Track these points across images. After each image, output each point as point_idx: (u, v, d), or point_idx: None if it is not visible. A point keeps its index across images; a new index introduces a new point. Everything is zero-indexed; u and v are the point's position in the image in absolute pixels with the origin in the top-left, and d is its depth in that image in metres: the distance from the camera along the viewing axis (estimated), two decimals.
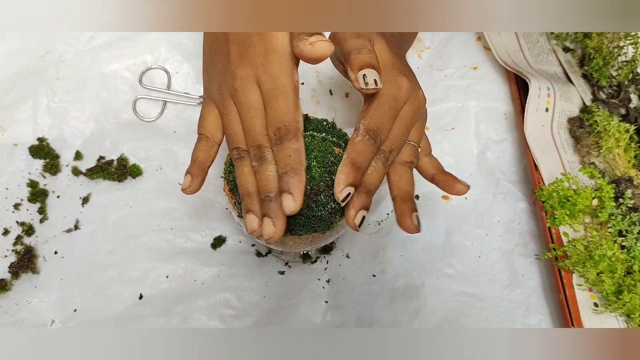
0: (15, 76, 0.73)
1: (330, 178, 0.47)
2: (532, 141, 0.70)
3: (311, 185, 0.46)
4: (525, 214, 0.70)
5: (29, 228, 0.66)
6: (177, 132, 0.73)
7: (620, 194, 0.66)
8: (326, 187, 0.47)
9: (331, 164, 0.48)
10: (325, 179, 0.47)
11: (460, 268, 0.66)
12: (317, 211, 0.48)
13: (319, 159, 0.47)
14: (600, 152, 0.70)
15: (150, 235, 0.66)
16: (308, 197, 0.47)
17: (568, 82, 0.77)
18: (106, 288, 0.63)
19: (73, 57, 0.75)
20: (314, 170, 0.47)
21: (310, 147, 0.48)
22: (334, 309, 0.63)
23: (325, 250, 0.67)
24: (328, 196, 0.47)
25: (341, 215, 0.50)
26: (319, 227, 0.49)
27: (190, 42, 0.77)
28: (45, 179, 0.69)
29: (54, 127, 0.71)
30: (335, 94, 0.76)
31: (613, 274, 0.60)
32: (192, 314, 0.62)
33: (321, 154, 0.47)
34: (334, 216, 0.49)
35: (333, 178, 0.47)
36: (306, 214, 0.48)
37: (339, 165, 0.46)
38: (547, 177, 0.68)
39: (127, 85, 0.75)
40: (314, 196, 0.47)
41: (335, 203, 0.48)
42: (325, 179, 0.47)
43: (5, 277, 0.63)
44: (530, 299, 0.64)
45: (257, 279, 0.65)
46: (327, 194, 0.47)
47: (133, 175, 0.69)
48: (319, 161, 0.47)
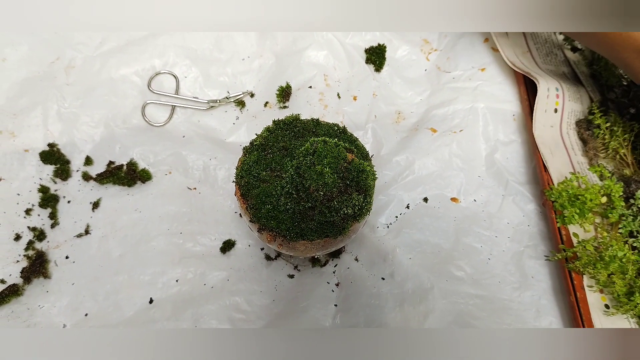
0: (25, 82, 0.74)
1: (344, 183, 0.47)
2: (541, 142, 0.69)
3: (324, 191, 0.46)
4: (535, 216, 0.70)
5: (40, 233, 0.66)
6: (185, 136, 0.74)
7: (630, 194, 0.65)
8: (339, 192, 0.47)
9: (344, 169, 0.47)
10: (338, 185, 0.47)
11: (469, 270, 0.66)
12: (329, 217, 0.48)
13: (332, 165, 0.47)
14: (608, 153, 0.69)
15: (160, 240, 0.67)
16: (321, 203, 0.47)
17: (577, 83, 0.77)
18: (117, 292, 0.64)
19: (82, 63, 0.76)
20: (327, 176, 0.46)
21: (323, 152, 0.47)
22: (343, 312, 0.63)
23: (334, 254, 0.67)
24: (341, 202, 0.47)
25: (353, 221, 0.50)
26: (331, 232, 0.49)
27: (197, 47, 0.78)
28: (56, 184, 0.70)
29: (64, 133, 0.72)
30: (343, 97, 0.76)
31: (624, 275, 0.60)
32: (202, 318, 0.62)
33: (334, 160, 0.47)
34: (346, 222, 0.49)
35: (347, 183, 0.47)
36: (318, 220, 0.48)
37: (353, 172, 0.46)
38: (556, 178, 0.68)
39: (136, 90, 0.76)
40: (327, 202, 0.47)
41: (347, 208, 0.48)
42: (338, 185, 0.47)
43: (17, 282, 0.63)
44: (541, 301, 0.64)
45: (267, 282, 0.65)
46: (340, 200, 0.47)
47: (142, 179, 0.70)
48: (332, 167, 0.47)
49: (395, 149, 0.73)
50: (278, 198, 0.50)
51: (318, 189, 0.46)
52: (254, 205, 0.51)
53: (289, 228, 0.50)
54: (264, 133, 0.57)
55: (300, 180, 0.47)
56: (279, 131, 0.57)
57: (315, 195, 0.46)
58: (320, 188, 0.46)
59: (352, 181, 0.47)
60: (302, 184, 0.47)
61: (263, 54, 0.80)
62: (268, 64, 0.79)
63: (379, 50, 0.78)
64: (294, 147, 0.55)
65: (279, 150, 0.55)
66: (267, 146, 0.55)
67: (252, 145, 0.56)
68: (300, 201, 0.48)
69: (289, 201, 0.49)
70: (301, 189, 0.47)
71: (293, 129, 0.57)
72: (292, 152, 0.55)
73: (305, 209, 0.48)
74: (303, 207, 0.48)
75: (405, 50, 0.80)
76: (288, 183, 0.48)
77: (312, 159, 0.47)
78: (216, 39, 0.79)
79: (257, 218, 0.51)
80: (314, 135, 0.57)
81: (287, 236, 0.50)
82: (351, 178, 0.47)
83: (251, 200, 0.51)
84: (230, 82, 0.77)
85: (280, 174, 0.52)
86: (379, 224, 0.69)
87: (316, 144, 0.47)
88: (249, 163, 0.53)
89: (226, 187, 0.70)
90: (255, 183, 0.52)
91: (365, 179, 0.48)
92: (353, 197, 0.47)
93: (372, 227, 0.68)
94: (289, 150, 0.55)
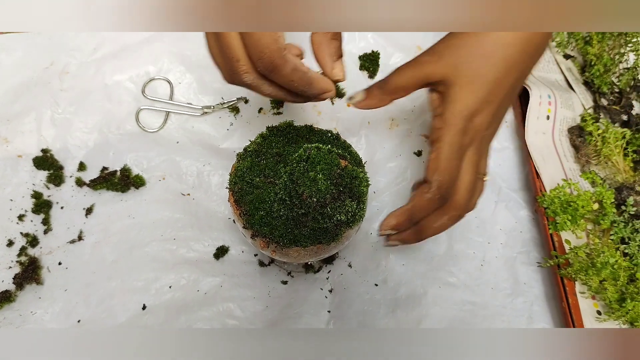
0: (19, 88, 0.74)
1: (337, 190, 0.47)
2: (534, 149, 0.70)
3: (317, 197, 0.46)
4: (528, 222, 0.70)
5: (33, 239, 0.66)
6: (179, 142, 0.74)
7: (622, 201, 0.66)
8: (332, 199, 0.47)
9: (337, 176, 0.47)
10: (332, 191, 0.47)
11: (462, 277, 0.66)
12: (322, 223, 0.48)
13: (325, 172, 0.47)
14: (600, 160, 0.70)
15: (154, 246, 0.67)
16: (314, 210, 0.47)
17: (569, 90, 0.77)
18: (110, 298, 0.63)
19: (76, 69, 0.76)
20: (320, 182, 0.46)
21: (316, 159, 0.47)
22: (336, 319, 0.63)
23: (327, 260, 0.67)
24: (334, 208, 0.47)
25: (346, 227, 0.50)
26: (324, 238, 0.49)
27: (192, 53, 0.78)
28: (49, 190, 0.69)
29: (58, 139, 0.72)
30: (336, 104, 0.76)
31: (616, 281, 0.60)
32: (195, 324, 0.62)
33: (327, 166, 0.47)
34: (339, 228, 0.49)
35: (340, 190, 0.47)
36: (312, 226, 0.48)
37: (347, 179, 0.47)
38: (549, 184, 0.68)
39: (130, 96, 0.76)
40: (320, 208, 0.47)
41: (341, 215, 0.48)
42: (332, 191, 0.47)
43: (9, 289, 0.63)
44: (533, 307, 0.64)
45: (260, 288, 0.65)
46: (333, 207, 0.47)
47: (136, 185, 0.70)
48: (325, 174, 0.47)
49: (389, 155, 0.74)
50: (271, 204, 0.50)
51: (311, 195, 0.46)
52: (248, 211, 0.51)
53: (282, 234, 0.50)
54: (257, 139, 0.57)
55: (294, 186, 0.47)
56: (273, 137, 0.57)
57: (308, 202, 0.46)
58: (314, 194, 0.46)
59: (345, 187, 0.48)
60: (295, 191, 0.47)
61: None
62: None
63: (372, 57, 0.79)
64: (287, 153, 0.55)
65: (272, 157, 0.55)
66: (260, 152, 0.55)
67: (246, 152, 0.56)
68: (294, 207, 0.48)
69: (282, 207, 0.49)
70: (294, 195, 0.47)
71: (287, 135, 0.58)
72: (285, 158, 0.55)
73: (299, 215, 0.48)
74: (296, 213, 0.48)
75: (398, 57, 0.80)
76: (281, 189, 0.48)
77: (306, 165, 0.47)
78: None
79: (250, 224, 0.51)
80: (308, 141, 0.57)
81: (281, 242, 0.50)
82: (344, 184, 0.47)
83: (245, 207, 0.51)
84: (224, 88, 0.77)
85: (273, 180, 0.52)
86: (372, 230, 0.69)
87: (309, 150, 0.47)
88: (242, 169, 0.53)
89: (220, 193, 0.70)
90: (248, 189, 0.52)
91: (359, 186, 0.48)
92: (346, 203, 0.48)
93: (366, 234, 0.69)
94: (283, 157, 0.55)
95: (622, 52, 0.76)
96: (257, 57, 0.43)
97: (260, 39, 0.42)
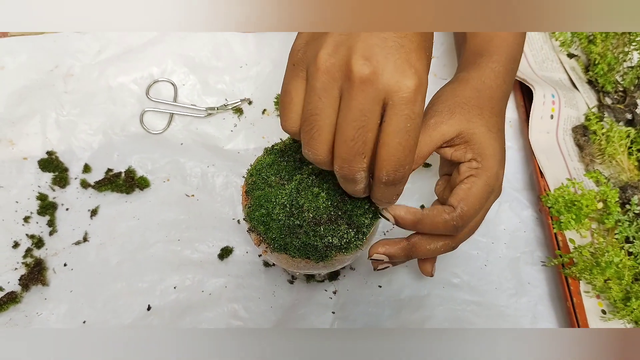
0: (24, 90, 0.74)
1: (336, 213, 0.47)
2: (538, 148, 0.70)
3: (314, 214, 0.46)
4: (531, 222, 0.70)
5: (38, 241, 0.66)
6: (184, 144, 0.74)
7: (626, 200, 0.65)
8: (328, 220, 0.46)
9: (340, 199, 0.47)
10: (329, 212, 0.46)
11: (465, 277, 0.66)
12: (313, 240, 0.47)
13: (330, 192, 0.47)
14: (604, 159, 0.70)
15: (158, 247, 0.67)
16: (307, 224, 0.47)
17: (573, 89, 0.77)
18: (115, 299, 0.64)
19: (81, 71, 0.76)
20: (320, 200, 0.46)
21: (327, 177, 0.47)
22: (341, 320, 0.63)
23: None
24: (327, 230, 0.46)
25: (337, 251, 0.49)
26: (312, 255, 0.48)
27: (195, 55, 0.78)
28: (55, 192, 0.70)
29: (63, 141, 0.72)
30: None
31: (620, 280, 0.60)
32: (200, 325, 0.62)
33: (333, 186, 0.47)
34: (329, 250, 0.48)
35: (339, 214, 0.47)
36: (303, 240, 0.47)
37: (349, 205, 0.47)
38: (553, 184, 0.68)
39: (134, 98, 0.76)
40: (314, 225, 0.46)
41: (333, 238, 0.47)
42: (329, 212, 0.46)
43: (15, 290, 0.63)
44: (537, 307, 0.64)
45: (265, 289, 0.65)
46: (327, 228, 0.46)
47: (141, 187, 0.70)
48: (330, 194, 0.46)
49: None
50: (274, 206, 0.50)
51: (309, 209, 0.46)
52: (251, 205, 0.51)
53: (275, 238, 0.49)
54: (288, 140, 0.56)
55: (297, 196, 0.47)
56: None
57: (305, 216, 0.47)
58: (312, 210, 0.46)
59: (344, 213, 0.47)
60: (297, 201, 0.47)
61: (261, 61, 0.80)
62: (265, 72, 0.79)
63: None
64: (308, 162, 0.55)
65: (294, 161, 0.54)
66: (286, 153, 0.54)
67: (273, 149, 0.55)
68: (291, 216, 0.48)
69: (282, 213, 0.49)
70: (295, 205, 0.47)
71: None
72: (304, 166, 0.54)
73: (294, 225, 0.48)
74: (292, 222, 0.48)
75: None
76: (286, 195, 0.48)
77: (315, 180, 0.47)
78: (214, 46, 0.80)
79: (249, 218, 0.51)
80: None
81: (272, 245, 0.50)
82: (344, 210, 0.47)
83: (251, 200, 0.51)
84: (228, 89, 0.78)
85: (285, 183, 0.52)
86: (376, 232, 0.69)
87: None
88: (262, 164, 0.53)
89: (224, 194, 0.71)
90: (261, 185, 0.52)
91: (360, 216, 0.48)
92: (341, 229, 0.47)
93: (368, 238, 0.68)
94: (304, 164, 0.54)
95: (626, 50, 0.76)
96: (393, 168, 0.38)
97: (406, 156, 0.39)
